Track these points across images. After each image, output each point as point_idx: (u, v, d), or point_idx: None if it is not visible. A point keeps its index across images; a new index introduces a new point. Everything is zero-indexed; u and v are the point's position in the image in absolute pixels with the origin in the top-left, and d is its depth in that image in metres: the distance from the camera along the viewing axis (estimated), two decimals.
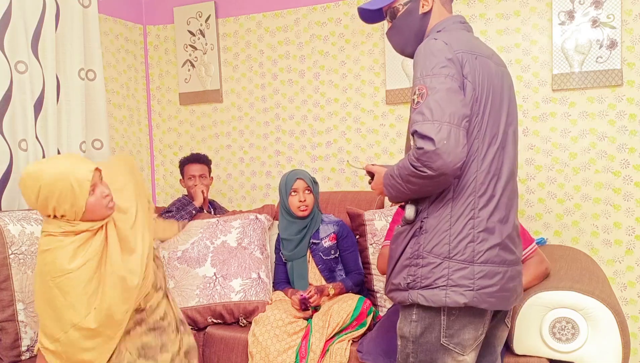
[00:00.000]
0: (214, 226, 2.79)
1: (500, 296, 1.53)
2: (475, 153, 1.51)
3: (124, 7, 3.64)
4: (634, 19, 2.71)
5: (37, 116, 2.67)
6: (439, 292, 1.51)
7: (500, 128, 1.56)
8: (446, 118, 1.41)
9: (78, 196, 1.74)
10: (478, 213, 1.51)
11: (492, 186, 1.53)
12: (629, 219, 2.78)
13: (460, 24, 1.64)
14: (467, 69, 1.49)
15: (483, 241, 1.51)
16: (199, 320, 2.58)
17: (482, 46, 1.61)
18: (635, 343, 2.79)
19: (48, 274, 1.76)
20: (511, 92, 1.65)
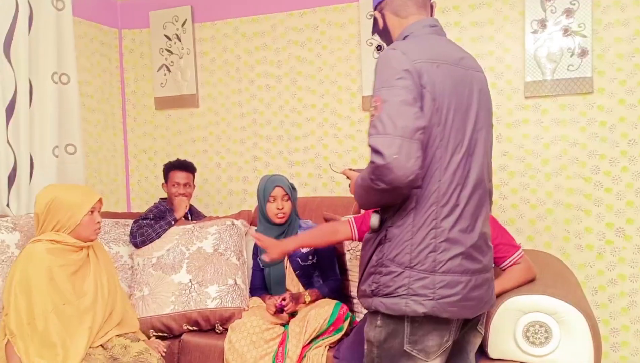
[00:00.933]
0: (190, 232, 2.76)
1: (463, 305, 1.53)
2: (438, 163, 1.50)
3: (98, 10, 3.60)
4: (604, 28, 2.77)
5: (9, 120, 2.62)
6: (400, 301, 1.51)
7: (467, 135, 1.54)
8: (398, 132, 1.40)
9: (80, 210, 2.18)
10: (440, 223, 1.50)
11: (455, 195, 1.51)
12: (600, 224, 2.84)
13: (430, 27, 1.61)
14: (426, 78, 1.46)
15: (444, 251, 1.50)
16: (174, 328, 2.55)
17: (448, 51, 1.57)
18: (607, 346, 2.84)
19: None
20: (482, 96, 1.61)
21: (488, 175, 1.65)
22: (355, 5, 3.21)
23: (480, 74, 1.64)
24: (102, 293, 2.27)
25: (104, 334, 2.23)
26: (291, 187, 2.68)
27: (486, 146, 1.61)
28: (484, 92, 1.63)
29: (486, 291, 1.60)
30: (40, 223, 2.19)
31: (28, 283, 2.04)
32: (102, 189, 3.58)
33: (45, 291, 2.06)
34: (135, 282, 2.68)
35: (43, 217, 2.17)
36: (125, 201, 3.82)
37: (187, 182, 3.04)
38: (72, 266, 2.19)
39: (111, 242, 2.77)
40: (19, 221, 2.40)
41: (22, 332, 2.00)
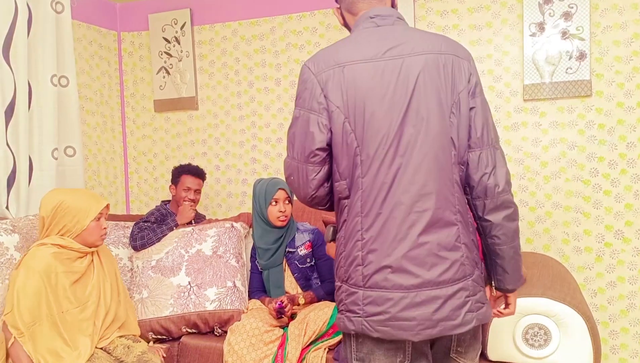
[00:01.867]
0: (189, 235, 2.76)
1: (397, 325, 1.36)
2: (359, 169, 1.40)
3: (98, 13, 3.60)
4: (602, 31, 2.78)
5: (8, 123, 2.62)
6: (340, 316, 1.46)
7: (390, 135, 1.37)
8: (293, 153, 1.47)
9: (86, 215, 2.17)
10: (364, 234, 1.39)
11: (378, 203, 1.38)
12: (599, 226, 2.85)
13: (369, 20, 1.48)
14: (329, 86, 1.40)
15: (370, 264, 1.38)
16: (173, 330, 2.55)
17: (371, 46, 1.42)
18: (606, 348, 2.84)
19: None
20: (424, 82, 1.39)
21: (445, 173, 1.41)
22: None
23: (427, 56, 1.40)
24: (104, 299, 2.27)
25: (106, 337, 2.23)
26: (291, 190, 2.68)
27: (436, 139, 1.39)
28: (429, 76, 1.40)
29: (437, 310, 1.36)
30: (45, 227, 2.18)
31: (32, 286, 2.04)
32: (101, 192, 3.58)
33: (49, 296, 2.06)
34: (134, 285, 2.68)
35: (49, 220, 2.17)
36: (125, 203, 3.82)
37: (198, 189, 3.03)
38: (76, 273, 2.19)
39: (110, 244, 2.77)
40: (18, 223, 2.40)
41: (29, 331, 2.00)
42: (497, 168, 1.46)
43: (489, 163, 1.45)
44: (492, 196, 1.45)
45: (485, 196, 1.45)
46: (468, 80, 1.44)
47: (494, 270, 1.54)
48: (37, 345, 2.01)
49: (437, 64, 1.41)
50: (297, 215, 2.92)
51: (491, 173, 1.44)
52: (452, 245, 1.39)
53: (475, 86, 1.45)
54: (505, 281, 1.54)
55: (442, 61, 1.41)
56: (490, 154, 1.45)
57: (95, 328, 2.18)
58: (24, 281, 2.04)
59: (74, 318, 2.12)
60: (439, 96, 1.40)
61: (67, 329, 2.09)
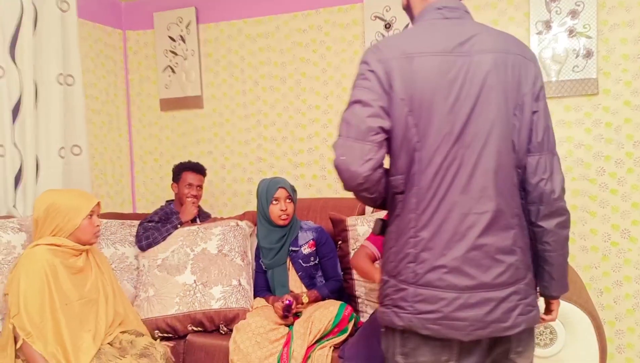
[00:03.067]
0: (195, 233, 2.77)
1: (449, 324, 1.35)
2: (417, 166, 1.37)
3: (103, 12, 3.61)
4: (610, 29, 2.77)
5: (15, 122, 2.63)
6: (386, 310, 1.45)
7: (454, 133, 1.35)
8: (349, 133, 1.36)
9: (78, 213, 2.20)
10: (418, 232, 1.37)
11: (435, 201, 1.36)
12: (605, 226, 2.83)
13: (436, 11, 1.45)
14: (395, 75, 1.36)
15: (423, 262, 1.36)
16: (179, 328, 2.55)
17: (442, 38, 1.39)
18: (612, 347, 2.83)
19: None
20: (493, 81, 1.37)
21: (507, 176, 1.40)
22: (359, 7, 3.21)
23: (496, 55, 1.38)
24: (104, 295, 2.29)
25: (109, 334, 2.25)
26: (292, 188, 2.68)
27: (500, 141, 1.37)
28: (496, 76, 1.37)
29: (490, 312, 1.36)
30: (39, 228, 2.20)
31: (34, 285, 2.05)
32: (107, 191, 3.59)
33: (52, 289, 2.08)
34: (140, 283, 2.69)
35: (42, 222, 2.19)
36: (131, 202, 3.83)
37: (200, 184, 3.04)
38: (74, 268, 2.21)
39: (117, 243, 2.78)
40: (25, 222, 2.41)
41: (38, 330, 2.02)
42: (554, 174, 1.46)
43: (547, 168, 1.44)
44: (547, 202, 1.45)
45: (540, 202, 1.45)
46: (533, 83, 1.42)
47: (541, 276, 1.53)
48: (47, 343, 2.03)
49: (506, 64, 1.39)
50: (301, 214, 2.92)
51: (548, 178, 1.44)
52: (509, 249, 1.39)
53: (540, 89, 1.44)
54: (551, 287, 1.54)
55: (510, 61, 1.39)
56: (549, 160, 1.45)
57: (98, 326, 2.19)
58: (26, 282, 2.05)
59: (76, 312, 2.14)
60: (505, 97, 1.38)
61: (70, 324, 2.10)
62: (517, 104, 1.40)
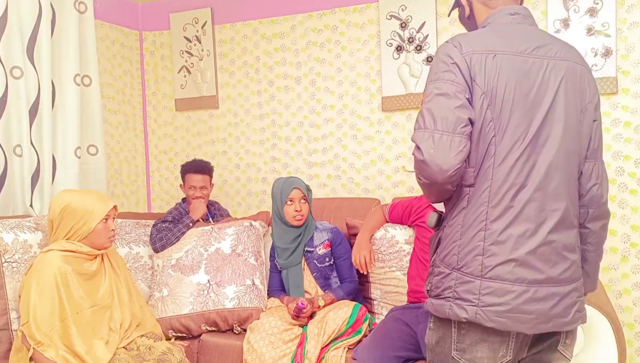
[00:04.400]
0: (208, 233, 2.78)
1: (515, 317, 1.38)
2: (491, 160, 1.40)
3: (120, 13, 3.64)
4: (629, 27, 2.72)
5: (32, 122, 2.66)
6: (445, 303, 1.45)
7: (531, 130, 1.40)
8: (436, 125, 1.37)
9: (93, 217, 2.17)
10: (490, 225, 1.40)
11: (509, 195, 1.39)
12: (624, 226, 2.79)
13: (509, 15, 1.51)
14: (477, 70, 1.40)
15: (493, 256, 1.39)
16: (193, 328, 2.56)
17: (519, 41, 1.45)
18: (631, 350, 2.79)
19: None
20: (566, 86, 1.44)
21: (573, 178, 1.47)
22: (374, 6, 3.19)
23: (568, 63, 1.47)
24: (119, 298, 2.28)
25: (126, 337, 2.25)
26: (307, 189, 2.68)
27: (568, 143, 1.44)
28: (569, 83, 1.45)
29: (554, 306, 1.41)
30: (53, 230, 2.20)
31: (45, 293, 2.05)
32: (123, 190, 3.62)
33: (63, 298, 2.07)
34: (154, 283, 2.70)
35: (57, 223, 2.18)
36: (146, 201, 3.85)
37: (204, 185, 3.01)
38: (86, 274, 2.20)
39: (132, 243, 2.80)
40: (41, 221, 2.43)
41: (47, 339, 2.01)
42: (604, 180, 1.55)
43: (599, 174, 1.54)
44: (597, 206, 1.54)
45: (591, 205, 1.53)
46: (594, 93, 1.52)
47: None
48: (58, 350, 2.02)
49: (576, 72, 1.47)
50: (316, 214, 2.91)
51: (600, 184, 1.53)
52: (572, 246, 1.46)
53: (599, 100, 1.54)
54: (586, 284, 1.59)
55: (579, 71, 1.48)
56: (601, 167, 1.55)
57: (111, 332, 2.19)
58: (36, 290, 2.04)
59: (88, 320, 2.13)
60: (575, 103, 1.46)
61: (82, 332, 2.09)
62: (581, 111, 1.48)
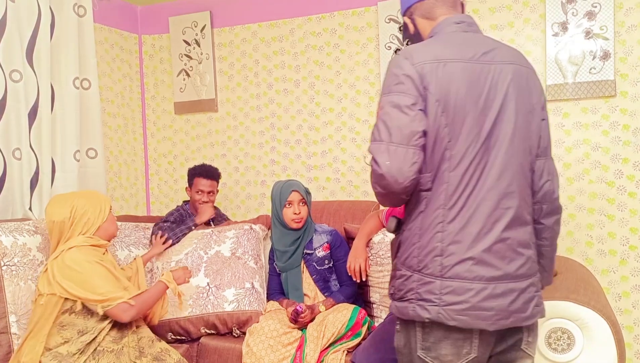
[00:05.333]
0: (208, 236, 2.78)
1: (475, 314, 1.42)
2: (447, 163, 1.45)
3: (119, 16, 3.64)
4: (627, 31, 2.73)
5: (32, 125, 2.65)
6: (408, 305, 1.49)
7: (482, 134, 1.45)
8: (391, 138, 1.42)
9: (104, 206, 2.27)
10: (446, 226, 1.45)
11: (464, 197, 1.44)
12: (623, 229, 2.79)
13: (455, 24, 1.56)
14: (429, 79, 1.44)
15: (451, 255, 1.44)
16: (192, 331, 2.56)
17: (466, 48, 1.50)
18: (630, 353, 2.79)
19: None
20: (514, 88, 1.49)
21: (524, 176, 1.52)
22: (373, 9, 3.20)
23: (515, 66, 1.52)
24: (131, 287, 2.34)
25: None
26: (306, 191, 2.68)
27: (519, 143, 1.49)
28: (517, 85, 1.51)
29: (512, 302, 1.45)
30: (66, 229, 2.19)
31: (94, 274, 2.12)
32: (122, 193, 3.62)
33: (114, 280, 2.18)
34: None
35: (70, 222, 2.19)
36: (145, 204, 3.85)
37: (211, 190, 3.02)
38: (110, 265, 2.25)
39: (131, 245, 2.79)
40: (40, 224, 2.43)
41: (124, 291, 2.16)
42: (554, 176, 1.61)
43: (550, 171, 1.59)
44: (550, 202, 1.59)
45: (544, 201, 1.58)
46: (541, 93, 1.58)
47: None
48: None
49: (522, 75, 1.53)
50: (315, 217, 2.91)
51: (551, 180, 1.59)
52: (527, 243, 1.50)
53: (545, 100, 1.60)
54: (543, 279, 1.63)
55: (525, 73, 1.54)
56: (552, 164, 1.61)
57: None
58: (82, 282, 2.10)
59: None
60: (524, 104, 1.51)
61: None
62: (529, 111, 1.53)
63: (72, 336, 2.11)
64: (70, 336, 2.11)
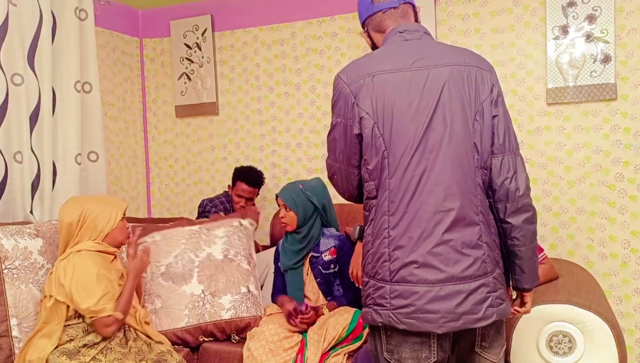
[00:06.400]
0: (197, 235, 2.71)
1: (422, 317, 1.45)
2: (386, 171, 1.50)
3: (120, 20, 3.65)
4: (627, 34, 2.73)
5: (33, 128, 2.66)
6: (367, 310, 1.55)
7: (416, 139, 1.47)
8: (336, 157, 1.61)
9: (116, 213, 2.25)
10: (391, 232, 1.49)
11: (404, 202, 1.47)
12: (624, 232, 2.79)
13: (398, 34, 1.61)
14: (360, 95, 1.53)
15: (396, 260, 1.48)
16: (190, 340, 2.51)
17: (400, 57, 1.54)
18: (632, 357, 2.78)
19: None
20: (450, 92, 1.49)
21: (467, 176, 1.50)
22: None
23: (452, 68, 1.52)
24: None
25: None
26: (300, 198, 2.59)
27: (457, 144, 1.49)
28: (453, 87, 1.50)
29: (460, 304, 1.45)
30: (74, 232, 2.20)
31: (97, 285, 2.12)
32: (123, 196, 3.62)
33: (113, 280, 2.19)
34: (146, 294, 2.62)
35: (79, 225, 2.20)
36: (146, 207, 3.85)
37: (251, 197, 3.15)
38: (118, 272, 2.27)
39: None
40: (41, 227, 2.43)
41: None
42: (518, 173, 1.55)
43: (510, 168, 1.54)
44: (513, 200, 1.54)
45: (506, 200, 1.54)
46: (491, 90, 1.54)
47: (512, 270, 1.62)
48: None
49: (462, 74, 1.52)
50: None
51: (512, 177, 1.53)
52: (474, 243, 1.48)
53: (498, 95, 1.55)
54: (522, 280, 1.62)
55: (467, 72, 1.53)
56: (512, 160, 1.55)
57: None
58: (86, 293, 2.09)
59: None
60: (463, 104, 1.50)
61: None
62: (476, 110, 1.52)
63: (78, 334, 2.12)
64: (75, 334, 2.12)
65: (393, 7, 1.63)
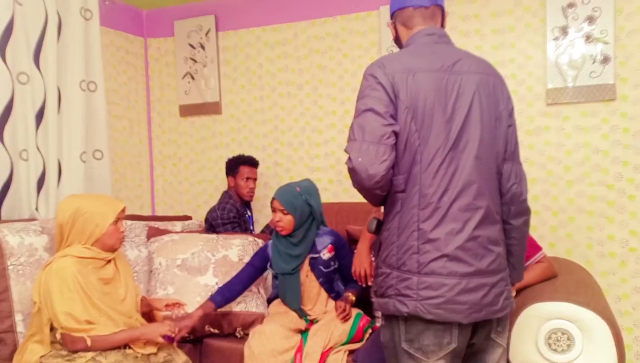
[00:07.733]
0: (214, 241, 2.81)
1: (450, 308, 1.52)
2: (418, 165, 1.55)
3: (125, 20, 3.68)
4: (627, 35, 2.75)
5: (38, 127, 2.68)
6: (389, 301, 1.59)
7: (450, 139, 1.55)
8: (364, 137, 1.52)
9: (105, 218, 2.17)
10: (421, 225, 1.54)
11: (436, 197, 1.54)
12: (623, 231, 2.81)
13: (427, 36, 1.67)
14: (400, 87, 1.55)
15: (427, 253, 1.53)
16: (197, 328, 2.54)
17: (436, 58, 1.60)
18: (630, 355, 2.80)
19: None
20: (480, 96, 1.59)
21: (492, 179, 1.61)
22: (376, 14, 3.23)
23: (480, 75, 1.62)
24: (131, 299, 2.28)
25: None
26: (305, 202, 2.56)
27: (485, 148, 1.59)
28: (482, 93, 1.60)
29: (484, 296, 1.55)
30: (65, 234, 2.18)
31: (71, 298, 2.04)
32: (127, 194, 3.65)
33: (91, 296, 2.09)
34: (157, 281, 2.69)
35: (68, 227, 2.17)
36: (150, 206, 3.88)
37: (255, 177, 3.31)
38: (104, 279, 2.20)
39: (141, 246, 2.84)
40: (47, 224, 2.46)
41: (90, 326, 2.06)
42: (522, 179, 1.68)
43: (517, 174, 1.67)
44: (517, 203, 1.66)
45: (511, 203, 1.66)
46: (508, 101, 1.67)
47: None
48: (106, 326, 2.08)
49: (488, 83, 1.62)
50: None
51: (519, 183, 1.66)
52: (496, 240, 1.60)
53: (512, 107, 1.69)
54: (512, 276, 1.73)
55: (492, 82, 1.63)
56: (519, 168, 1.68)
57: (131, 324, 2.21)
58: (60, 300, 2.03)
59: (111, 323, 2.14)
60: (489, 112, 1.61)
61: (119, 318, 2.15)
62: (496, 118, 1.62)
63: None
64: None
65: (424, 6, 1.69)
